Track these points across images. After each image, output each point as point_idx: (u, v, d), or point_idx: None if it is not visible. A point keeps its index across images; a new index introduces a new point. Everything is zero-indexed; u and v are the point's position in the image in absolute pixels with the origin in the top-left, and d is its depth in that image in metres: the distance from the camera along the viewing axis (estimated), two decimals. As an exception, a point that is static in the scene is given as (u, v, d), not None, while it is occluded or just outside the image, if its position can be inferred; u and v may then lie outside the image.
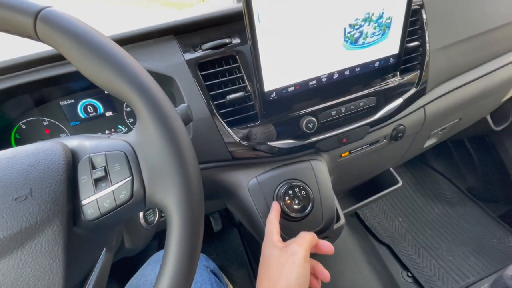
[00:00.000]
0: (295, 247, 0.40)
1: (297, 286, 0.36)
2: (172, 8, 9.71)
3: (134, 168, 0.26)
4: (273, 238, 0.43)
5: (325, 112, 0.54)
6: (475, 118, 0.96)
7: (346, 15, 0.46)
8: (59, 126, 0.53)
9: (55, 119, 0.53)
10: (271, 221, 0.47)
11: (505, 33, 0.72)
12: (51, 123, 0.53)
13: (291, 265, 0.37)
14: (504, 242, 1.09)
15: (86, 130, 0.55)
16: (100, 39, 0.24)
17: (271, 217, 0.48)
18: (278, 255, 0.39)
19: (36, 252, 0.22)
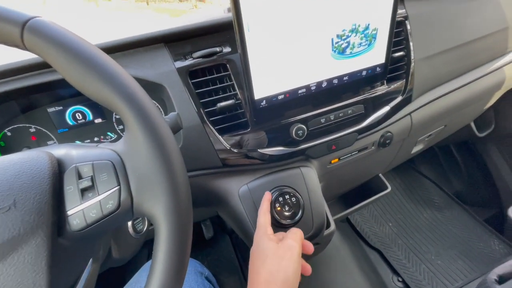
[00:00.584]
0: (291, 242, 0.41)
1: (292, 279, 0.38)
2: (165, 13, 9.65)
3: (122, 178, 0.26)
4: (267, 231, 0.44)
5: (314, 120, 0.55)
6: (459, 125, 0.99)
7: (333, 26, 0.47)
8: (46, 134, 0.52)
9: (42, 126, 0.52)
10: (264, 212, 0.47)
11: (485, 44, 0.75)
12: (38, 130, 0.52)
13: (288, 259, 0.39)
14: (489, 246, 1.12)
15: (75, 137, 0.54)
16: (87, 49, 0.24)
17: (263, 208, 0.48)
18: (275, 249, 0.40)
19: (18, 264, 0.22)
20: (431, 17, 0.66)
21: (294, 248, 0.40)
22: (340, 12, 0.47)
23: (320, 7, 0.45)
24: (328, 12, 0.46)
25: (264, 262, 0.39)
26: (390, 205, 1.34)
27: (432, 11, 0.66)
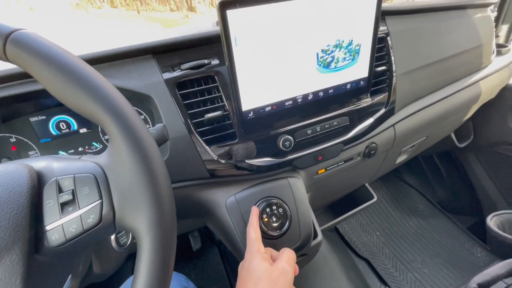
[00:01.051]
0: (285, 266, 0.40)
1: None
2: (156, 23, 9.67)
3: (104, 191, 0.25)
4: (260, 248, 0.43)
5: (301, 131, 0.56)
6: (440, 136, 1.03)
7: (318, 41, 0.49)
8: (27, 143, 0.51)
9: (23, 135, 0.50)
10: (254, 228, 0.46)
11: (461, 60, 0.79)
12: (19, 140, 0.50)
13: (282, 284, 0.38)
14: (473, 253, 1.15)
15: (58, 147, 0.53)
16: (71, 61, 0.24)
17: (253, 224, 0.47)
18: (269, 271, 0.39)
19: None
20: (411, 34, 0.69)
21: (288, 273, 0.39)
22: (325, 28, 0.49)
23: (305, 24, 0.46)
24: (313, 28, 0.48)
25: (257, 285, 0.38)
26: (378, 214, 1.36)
27: (412, 28, 0.69)
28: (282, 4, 0.43)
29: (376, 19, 0.53)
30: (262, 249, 0.43)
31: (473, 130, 1.18)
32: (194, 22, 9.90)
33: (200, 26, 0.60)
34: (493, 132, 1.12)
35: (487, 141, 1.16)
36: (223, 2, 0.39)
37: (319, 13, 0.47)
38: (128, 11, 16.23)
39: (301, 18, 0.46)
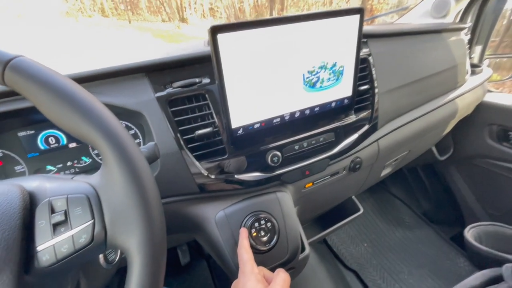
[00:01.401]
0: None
1: None
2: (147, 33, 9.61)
3: (96, 211, 0.26)
4: (253, 269, 0.43)
5: (288, 147, 0.58)
6: (422, 150, 1.08)
7: (304, 63, 0.52)
8: (14, 158, 0.50)
9: (10, 150, 0.50)
10: (246, 249, 0.46)
11: (438, 79, 0.85)
12: (6, 154, 0.50)
13: None
14: (456, 263, 1.18)
15: (45, 162, 0.52)
16: (66, 86, 0.26)
17: (245, 245, 0.47)
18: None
19: (-20, 305, 0.21)
20: (392, 55, 0.74)
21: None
22: (310, 51, 0.52)
23: (291, 47, 0.49)
24: (299, 51, 0.51)
25: None
26: (365, 225, 1.38)
27: (393, 50, 0.74)
28: (270, 29, 0.46)
29: (358, 43, 0.56)
30: (255, 269, 0.43)
31: (453, 144, 1.24)
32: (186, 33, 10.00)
33: (192, 45, 0.62)
34: (472, 146, 1.19)
35: (466, 154, 1.22)
36: (214, 27, 0.42)
37: (304, 37, 0.50)
38: (119, 20, 16.25)
39: (287, 42, 0.49)
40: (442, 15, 1.04)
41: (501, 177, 1.12)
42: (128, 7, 17.02)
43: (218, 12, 15.45)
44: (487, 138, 1.11)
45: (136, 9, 18.49)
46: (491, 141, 1.11)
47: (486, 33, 1.13)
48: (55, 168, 0.53)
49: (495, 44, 1.64)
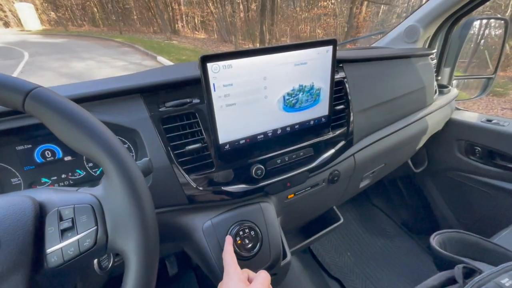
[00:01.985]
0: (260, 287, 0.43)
1: None
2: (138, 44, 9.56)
3: (100, 219, 0.30)
4: (236, 270, 0.46)
5: (271, 161, 0.64)
6: (397, 163, 1.16)
7: (284, 87, 0.59)
8: (11, 171, 0.53)
9: (7, 163, 0.53)
10: (230, 253, 0.50)
11: (408, 99, 0.94)
12: (3, 167, 0.52)
13: None
14: (433, 271, 1.25)
15: (41, 174, 0.55)
16: (78, 114, 0.30)
17: (228, 250, 0.51)
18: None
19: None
20: (366, 78, 0.82)
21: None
22: (290, 76, 0.58)
23: (273, 73, 0.56)
24: (279, 76, 0.57)
25: None
26: (349, 235, 1.44)
27: (366, 73, 0.82)
28: (253, 58, 0.52)
29: (332, 68, 0.63)
30: (238, 270, 0.46)
31: (427, 157, 1.34)
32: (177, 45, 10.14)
33: (184, 67, 0.68)
34: (444, 159, 1.28)
35: (439, 167, 1.32)
36: (204, 57, 0.48)
37: (284, 64, 0.57)
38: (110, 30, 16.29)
39: (269, 68, 0.55)
40: (413, 40, 1.15)
41: (470, 189, 1.21)
42: (119, 17, 17.14)
43: (210, 25, 15.79)
44: (456, 152, 1.21)
45: (128, 20, 18.63)
46: (460, 155, 1.20)
47: (453, 57, 1.25)
48: (50, 180, 0.56)
49: (464, 65, 1.80)
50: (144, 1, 14.96)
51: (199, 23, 17.75)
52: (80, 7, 18.86)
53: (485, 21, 1.52)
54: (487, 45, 1.73)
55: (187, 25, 18.08)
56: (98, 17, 18.99)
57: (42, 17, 17.82)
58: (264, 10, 10.28)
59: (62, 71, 6.53)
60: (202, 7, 15.49)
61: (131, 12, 18.64)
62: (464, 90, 1.49)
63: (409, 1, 12.74)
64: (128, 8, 18.52)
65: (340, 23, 12.41)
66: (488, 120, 1.11)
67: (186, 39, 13.14)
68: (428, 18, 1.08)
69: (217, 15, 12.26)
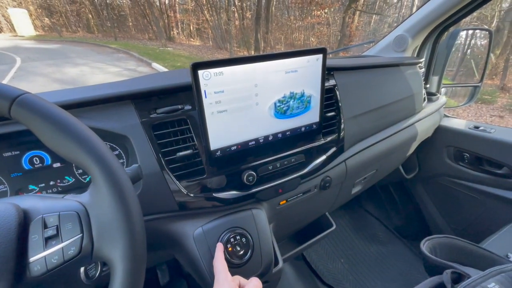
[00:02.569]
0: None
1: None
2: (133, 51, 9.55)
3: (85, 226, 0.30)
4: (227, 277, 0.45)
5: (263, 167, 0.64)
6: (389, 169, 1.18)
7: (275, 94, 0.60)
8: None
9: None
10: (220, 260, 0.50)
11: (398, 107, 0.96)
12: None
13: None
14: (425, 277, 1.25)
15: (28, 181, 0.54)
16: (64, 119, 0.30)
17: (219, 255, 0.51)
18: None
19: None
20: (356, 85, 0.84)
21: None
22: (281, 84, 0.59)
23: (264, 80, 0.57)
24: (270, 84, 0.58)
25: None
26: (342, 241, 1.44)
27: (357, 81, 0.84)
28: (244, 66, 0.53)
29: (322, 76, 0.65)
30: (229, 277, 0.46)
31: (417, 163, 1.36)
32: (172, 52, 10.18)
33: (176, 74, 0.68)
34: (434, 165, 1.30)
35: (430, 173, 1.34)
36: (195, 64, 0.48)
37: (275, 72, 0.57)
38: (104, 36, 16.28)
39: (260, 75, 0.56)
40: (402, 49, 1.18)
41: (460, 194, 1.23)
42: (114, 24, 17.16)
43: (205, 33, 15.92)
44: (446, 158, 1.24)
45: (123, 27, 18.66)
46: (449, 161, 1.23)
47: (441, 65, 1.28)
48: (37, 187, 0.55)
49: (453, 73, 1.85)
50: (140, 8, 15.04)
51: (194, 30, 17.90)
52: (75, 13, 18.84)
53: (471, 31, 1.58)
54: (473, 55, 1.79)
55: (182, 32, 18.20)
56: (93, 24, 18.99)
57: (36, 23, 17.72)
58: (259, 18, 10.43)
59: (55, 76, 6.47)
60: (197, 14, 15.65)
61: (126, 19, 18.70)
62: (453, 97, 1.53)
63: (399, 11, 13.12)
64: (124, 15, 18.59)
65: (333, 31, 12.67)
66: (475, 127, 1.14)
67: (181, 46, 13.21)
68: (416, 28, 1.12)
69: (212, 23, 12.39)
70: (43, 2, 17.79)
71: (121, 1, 18.25)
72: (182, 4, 17.44)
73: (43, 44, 12.42)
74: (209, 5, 12.23)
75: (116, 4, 18.41)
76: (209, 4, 12.17)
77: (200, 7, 12.87)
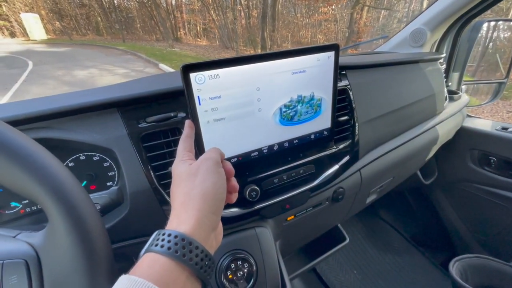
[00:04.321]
0: (204, 156, 0.37)
1: (213, 191, 0.33)
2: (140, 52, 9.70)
3: (35, 279, 0.23)
4: (183, 156, 0.39)
5: (267, 180, 0.57)
6: (406, 176, 1.08)
7: (280, 98, 0.52)
8: None
9: None
10: (182, 139, 0.42)
11: (417, 108, 0.87)
12: None
13: (203, 173, 0.34)
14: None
15: None
16: (12, 141, 0.24)
17: (183, 136, 0.43)
18: (188, 168, 0.35)
19: None
20: (371, 86, 0.75)
21: (209, 159, 0.36)
22: (286, 86, 0.52)
23: (266, 83, 0.49)
24: (275, 86, 0.51)
25: (179, 186, 0.34)
26: (355, 251, 1.35)
27: (372, 81, 0.76)
28: (244, 67, 0.46)
29: (335, 76, 0.57)
30: (186, 156, 0.39)
31: (437, 168, 1.25)
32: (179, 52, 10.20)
33: (169, 77, 0.62)
34: (455, 170, 1.20)
35: (450, 178, 1.23)
36: (186, 66, 0.41)
37: (280, 73, 0.50)
38: (113, 39, 16.50)
39: (263, 78, 0.48)
40: (419, 44, 1.08)
41: (485, 202, 1.12)
42: (123, 26, 17.37)
43: (212, 33, 15.92)
44: (469, 163, 1.13)
45: (131, 29, 18.89)
46: (473, 166, 1.12)
47: (462, 61, 1.18)
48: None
49: (473, 69, 1.73)
50: (147, 10, 15.14)
51: (201, 30, 17.94)
52: (85, 16, 19.18)
53: (493, 23, 1.46)
54: (495, 48, 1.66)
55: (189, 33, 18.27)
56: (102, 26, 19.28)
57: (48, 27, 18.12)
58: (265, 16, 10.33)
59: (65, 79, 6.57)
60: (204, 14, 15.67)
61: (134, 21, 18.91)
62: (474, 95, 1.41)
63: (409, 6, 12.76)
64: (131, 16, 18.80)
65: (341, 28, 12.44)
66: (503, 128, 1.03)
67: (188, 46, 13.25)
68: (436, 20, 1.02)
69: (218, 22, 12.35)
70: (54, 7, 18.19)
71: (129, 3, 18.47)
72: (188, 4, 17.51)
73: (54, 47, 12.68)
74: (215, 5, 12.19)
75: (124, 6, 18.65)
76: (215, 3, 12.14)
77: (206, 7, 12.85)
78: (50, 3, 17.96)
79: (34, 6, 17.80)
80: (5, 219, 0.46)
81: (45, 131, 0.44)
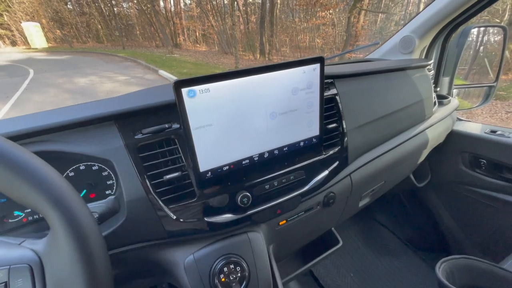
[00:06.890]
0: None
1: None
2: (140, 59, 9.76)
3: (38, 282, 0.26)
4: None
5: (259, 187, 0.59)
6: (398, 179, 1.11)
7: (269, 108, 0.55)
8: None
9: None
10: None
11: (406, 114, 0.90)
12: None
13: None
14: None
15: None
16: (15, 155, 0.26)
17: None
18: None
19: None
20: (359, 93, 0.78)
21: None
22: (275, 97, 0.55)
23: (257, 93, 0.52)
24: (265, 97, 0.53)
25: None
26: (351, 254, 1.37)
27: (359, 89, 0.78)
28: (233, 81, 0.49)
29: (321, 86, 0.60)
30: None
31: (429, 170, 1.28)
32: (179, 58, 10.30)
33: (163, 89, 0.65)
34: (448, 172, 1.22)
35: (443, 180, 1.25)
36: (178, 82, 0.44)
37: (269, 85, 0.53)
38: (113, 46, 16.66)
39: (252, 90, 0.51)
40: (408, 51, 1.12)
41: (477, 203, 1.14)
42: (123, 33, 17.55)
43: (211, 38, 16.06)
44: (461, 165, 1.15)
45: (131, 36, 19.07)
46: (464, 168, 1.14)
47: (452, 66, 1.21)
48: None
49: (464, 72, 1.76)
50: (146, 17, 15.32)
51: (200, 36, 18.10)
52: (85, 24, 19.38)
53: (483, 28, 1.49)
54: (486, 52, 1.69)
55: (188, 39, 18.44)
56: (102, 34, 19.48)
57: (48, 35, 18.31)
58: (264, 22, 10.44)
59: (66, 87, 6.63)
60: (202, 20, 15.82)
61: (134, 28, 19.11)
62: (466, 98, 1.44)
63: (406, 8, 12.89)
64: (131, 24, 19.00)
65: (338, 32, 12.55)
66: (492, 131, 1.06)
67: (187, 52, 13.36)
68: (423, 28, 1.05)
69: (217, 28, 12.48)
70: (54, 15, 18.40)
71: (128, 10, 18.68)
72: (187, 11, 17.69)
73: (55, 55, 12.82)
74: (214, 11, 12.34)
75: (123, 14, 18.86)
76: (214, 9, 12.28)
77: (205, 13, 13.01)
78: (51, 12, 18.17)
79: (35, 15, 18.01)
80: (9, 227, 0.49)
81: (47, 144, 0.47)
